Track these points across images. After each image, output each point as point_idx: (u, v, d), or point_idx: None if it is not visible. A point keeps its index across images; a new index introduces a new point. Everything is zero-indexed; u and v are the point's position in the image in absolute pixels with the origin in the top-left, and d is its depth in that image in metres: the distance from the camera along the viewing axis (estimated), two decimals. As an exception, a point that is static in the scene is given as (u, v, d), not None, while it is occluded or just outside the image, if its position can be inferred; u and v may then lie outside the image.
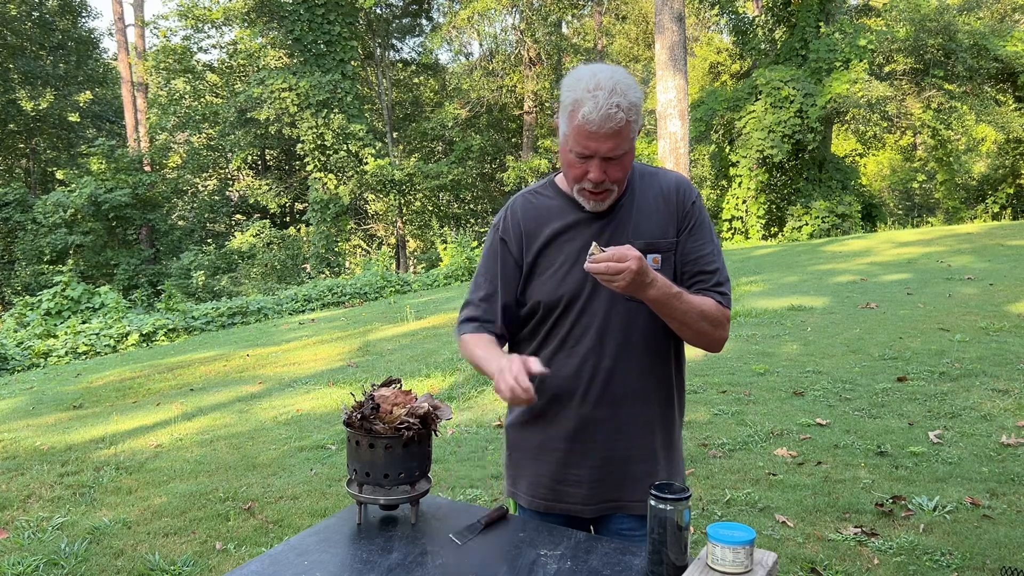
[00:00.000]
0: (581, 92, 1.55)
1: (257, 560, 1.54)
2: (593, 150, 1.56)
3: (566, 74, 1.63)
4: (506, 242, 1.76)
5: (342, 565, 1.50)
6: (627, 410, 1.72)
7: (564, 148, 1.62)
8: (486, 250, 1.82)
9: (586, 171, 1.60)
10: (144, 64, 25.90)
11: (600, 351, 1.69)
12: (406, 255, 26.46)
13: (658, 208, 1.73)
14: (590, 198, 1.65)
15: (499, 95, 25.36)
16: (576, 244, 1.70)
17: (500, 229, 1.79)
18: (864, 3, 24.63)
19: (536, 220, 1.74)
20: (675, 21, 16.42)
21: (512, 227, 1.76)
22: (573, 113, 1.56)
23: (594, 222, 1.70)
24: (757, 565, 1.37)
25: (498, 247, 1.78)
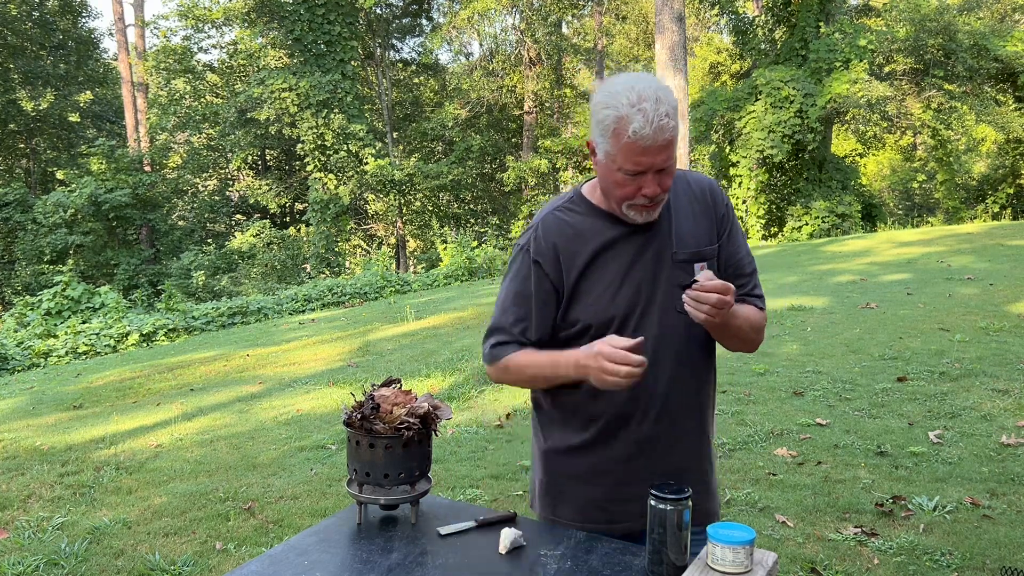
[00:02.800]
0: (625, 108, 1.47)
1: (257, 560, 1.54)
2: (647, 165, 1.49)
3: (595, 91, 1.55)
4: (540, 264, 1.65)
5: (342, 565, 1.50)
6: (681, 424, 1.68)
7: (609, 168, 1.53)
8: (514, 273, 1.70)
9: (638, 188, 1.53)
10: (144, 64, 25.90)
11: (656, 369, 1.63)
12: (406, 255, 26.47)
13: (695, 214, 1.68)
14: (642, 211, 1.58)
15: (499, 95, 25.36)
16: (622, 261, 1.63)
17: (532, 251, 1.66)
18: (864, 3, 24.63)
19: (573, 239, 1.65)
20: (675, 21, 16.43)
21: (546, 248, 1.65)
22: (619, 131, 1.48)
23: (636, 236, 1.64)
24: (757, 565, 1.37)
25: (531, 270, 1.66)
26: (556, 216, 1.68)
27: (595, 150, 1.57)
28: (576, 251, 1.64)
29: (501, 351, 1.69)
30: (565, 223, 1.67)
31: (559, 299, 1.66)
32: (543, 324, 1.67)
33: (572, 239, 1.65)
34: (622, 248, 1.63)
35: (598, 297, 1.63)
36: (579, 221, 1.66)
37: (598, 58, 28.96)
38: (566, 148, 22.81)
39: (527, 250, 1.68)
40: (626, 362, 1.44)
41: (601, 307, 1.63)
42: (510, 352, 1.67)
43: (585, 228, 1.65)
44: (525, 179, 24.06)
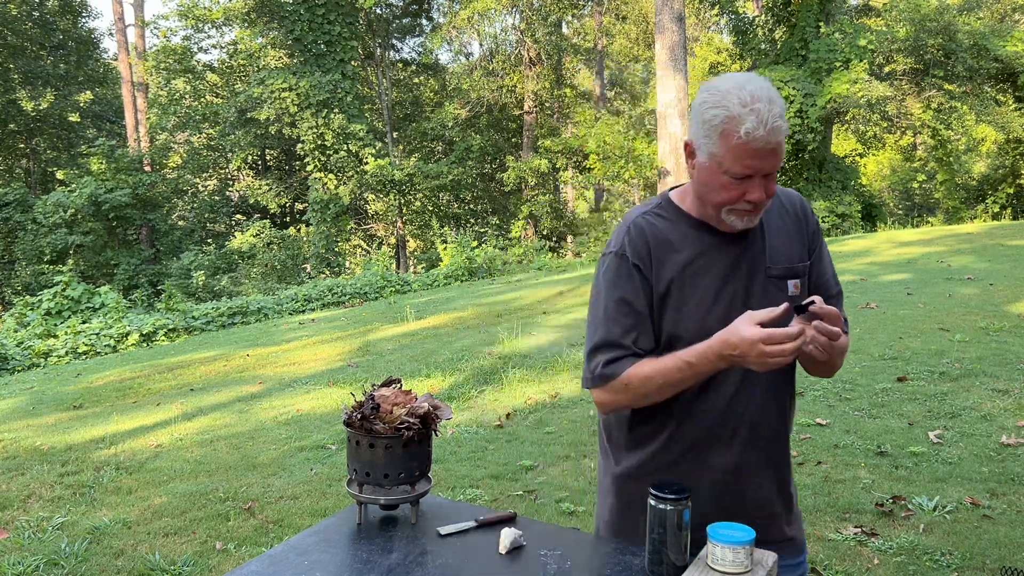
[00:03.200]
0: (736, 107, 1.40)
1: (257, 560, 1.54)
2: (756, 168, 1.42)
3: (700, 88, 1.49)
4: (639, 268, 1.54)
5: (342, 565, 1.50)
6: (768, 450, 1.59)
7: (712, 171, 1.45)
8: (611, 280, 1.57)
9: (742, 193, 1.45)
10: (144, 64, 25.91)
11: (748, 391, 1.54)
12: (406, 255, 26.47)
13: (787, 228, 1.61)
14: (743, 216, 1.49)
15: (499, 95, 25.36)
16: (714, 273, 1.54)
17: (630, 255, 1.56)
18: (864, 3, 24.63)
19: (663, 246, 1.55)
20: (675, 21, 16.43)
21: (641, 251, 1.55)
22: (729, 132, 1.41)
23: (729, 247, 1.55)
24: (757, 565, 1.37)
25: (633, 274, 1.54)
26: (647, 220, 1.59)
27: (694, 152, 1.49)
28: (666, 260, 1.55)
29: (617, 368, 1.53)
30: (656, 228, 1.57)
31: (652, 301, 1.56)
32: (652, 333, 1.56)
33: (661, 246, 1.56)
34: (714, 259, 1.55)
35: (691, 311, 1.53)
36: (669, 228, 1.57)
37: (598, 58, 28.97)
38: (566, 148, 22.81)
39: (623, 255, 1.56)
40: (787, 339, 1.34)
41: (695, 323, 1.53)
42: (627, 366, 1.52)
43: (675, 236, 1.56)
44: (525, 179, 24.05)
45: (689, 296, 1.54)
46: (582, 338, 7.30)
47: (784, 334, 1.34)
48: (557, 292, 10.74)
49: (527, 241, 22.03)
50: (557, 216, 25.34)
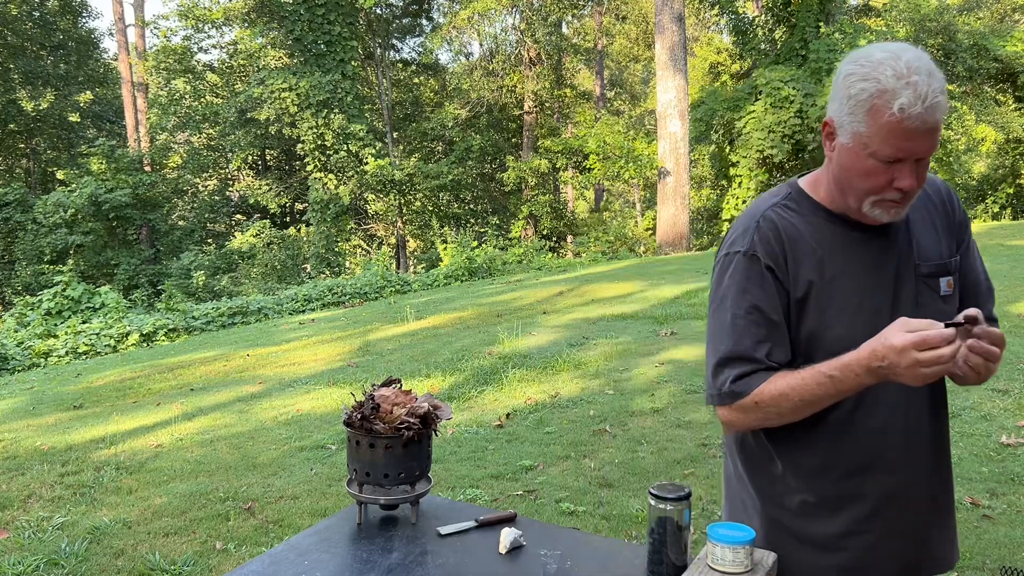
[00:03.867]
0: (889, 79, 1.22)
1: (257, 560, 1.54)
2: (909, 151, 1.24)
3: (845, 59, 1.30)
4: (773, 270, 1.36)
5: (342, 565, 1.50)
6: (931, 468, 1.43)
7: (856, 153, 1.28)
8: (739, 284, 1.38)
9: (890, 179, 1.27)
10: (144, 64, 25.91)
11: (907, 406, 1.36)
12: (406, 255, 26.47)
13: (933, 220, 1.43)
14: (890, 208, 1.31)
15: (499, 95, 25.36)
16: (856, 274, 1.35)
17: (761, 255, 1.37)
18: (864, 3, 24.63)
19: (797, 243, 1.37)
20: (675, 21, 16.43)
21: (777, 252, 1.36)
22: (878, 108, 1.23)
23: (871, 243, 1.37)
24: (757, 565, 1.37)
25: (766, 277, 1.36)
26: (777, 214, 1.40)
27: (835, 131, 1.31)
28: (801, 259, 1.36)
29: (748, 384, 1.35)
30: (788, 223, 1.38)
31: (789, 305, 1.37)
32: (787, 344, 1.37)
33: (795, 242, 1.37)
34: (856, 258, 1.36)
35: (833, 318, 1.35)
36: (802, 222, 1.38)
37: (598, 58, 28.97)
38: (566, 148, 22.81)
39: (753, 255, 1.37)
40: (943, 342, 1.16)
41: (842, 330, 1.34)
42: (758, 382, 1.34)
43: (809, 232, 1.38)
44: (525, 179, 24.05)
45: (830, 301, 1.35)
46: (582, 338, 7.30)
47: (940, 337, 1.16)
48: (557, 292, 10.74)
49: (527, 241, 22.03)
50: (557, 216, 25.34)
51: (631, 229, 21.50)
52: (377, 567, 1.49)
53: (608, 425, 4.79)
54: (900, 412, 1.36)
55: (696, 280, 10.63)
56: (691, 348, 6.55)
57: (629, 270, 12.88)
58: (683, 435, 4.52)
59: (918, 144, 1.24)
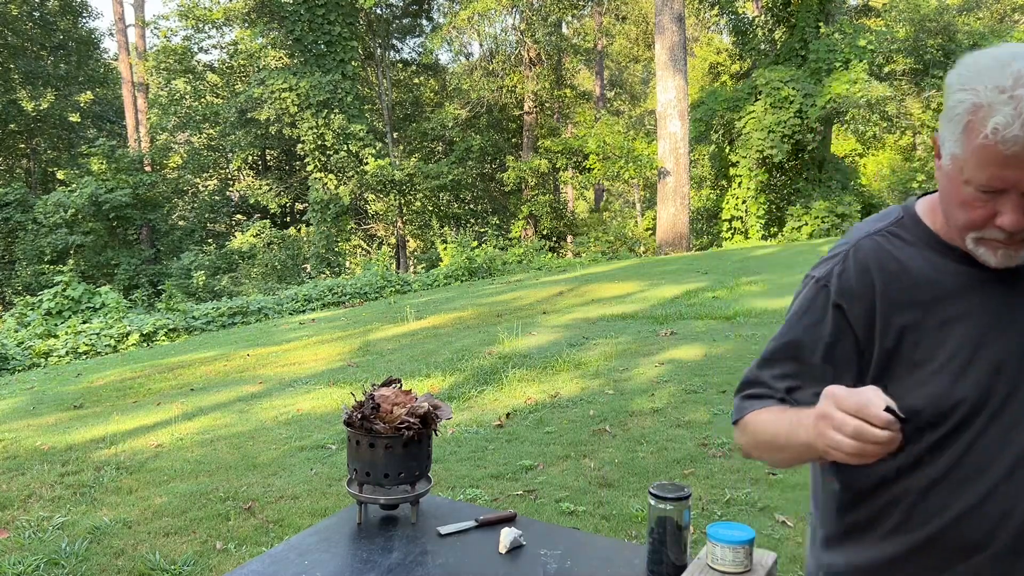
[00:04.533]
0: (988, 93, 1.00)
1: (257, 560, 1.54)
2: (1010, 182, 1.01)
3: (955, 64, 1.09)
4: (843, 310, 1.16)
5: (342, 565, 1.50)
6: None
7: (954, 179, 1.07)
8: (798, 312, 1.21)
9: (991, 214, 1.05)
10: (145, 64, 25.92)
11: (1016, 482, 1.11)
12: (406, 255, 26.48)
13: None
14: (995, 249, 1.08)
15: (499, 95, 25.37)
16: (974, 321, 1.11)
17: (834, 288, 1.17)
18: (864, 3, 24.63)
19: (900, 280, 1.15)
20: (675, 21, 16.43)
21: (859, 288, 1.15)
22: (973, 126, 1.02)
23: (994, 286, 1.13)
24: (757, 565, 1.38)
25: (826, 315, 1.17)
26: (877, 242, 1.18)
27: (940, 150, 1.10)
28: (902, 299, 1.14)
29: (748, 406, 1.23)
30: (889, 254, 1.17)
31: (861, 366, 1.16)
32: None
33: (898, 279, 1.15)
34: (978, 302, 1.12)
35: (936, 372, 1.11)
36: (910, 255, 1.16)
37: (598, 58, 28.97)
38: (566, 148, 22.83)
39: (825, 286, 1.18)
40: (860, 415, 0.97)
41: (940, 388, 1.11)
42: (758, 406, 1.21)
43: (919, 266, 1.15)
44: (525, 179, 24.06)
45: (932, 354, 1.11)
46: (582, 338, 7.30)
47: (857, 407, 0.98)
48: (557, 292, 10.74)
49: (527, 241, 22.04)
50: (557, 216, 25.35)
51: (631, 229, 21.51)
52: (377, 567, 1.49)
53: (608, 425, 4.79)
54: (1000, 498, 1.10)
55: (696, 280, 10.63)
56: (691, 348, 6.55)
57: (629, 270, 12.88)
58: (683, 435, 4.52)
59: (1022, 174, 1.00)
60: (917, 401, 1.11)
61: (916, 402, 1.11)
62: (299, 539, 1.63)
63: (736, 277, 10.50)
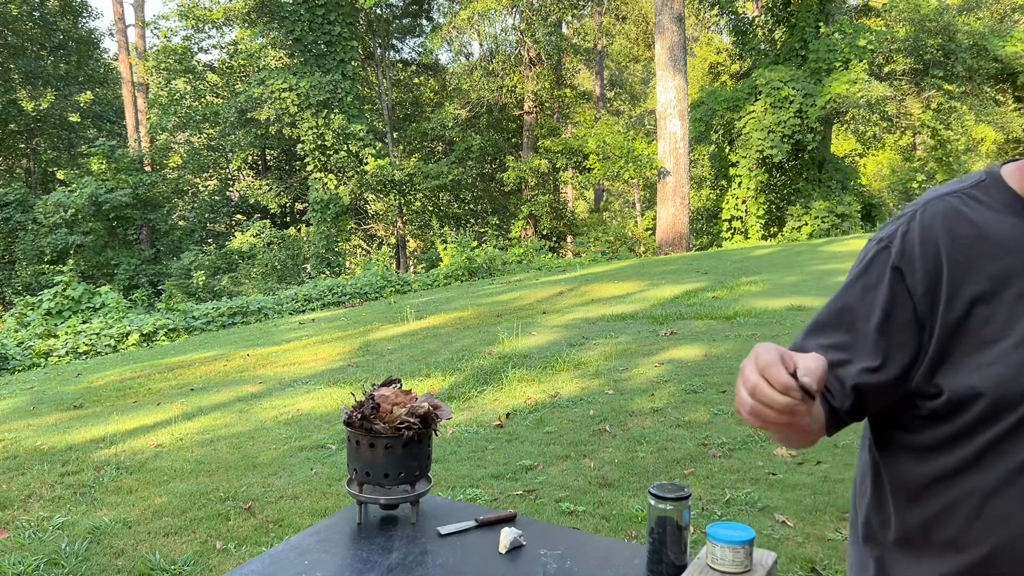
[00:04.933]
0: None
1: (257, 560, 1.54)
2: None
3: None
4: (903, 274, 1.02)
5: (342, 565, 1.51)
6: None
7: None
8: (854, 274, 1.09)
9: None
10: (145, 64, 25.93)
11: None
12: (406, 255, 26.48)
13: None
14: None
15: (499, 95, 25.38)
16: None
17: (896, 250, 1.04)
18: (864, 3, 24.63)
19: (973, 246, 1.00)
20: (675, 21, 16.43)
21: (923, 251, 1.02)
22: None
23: None
24: (757, 565, 1.38)
25: (883, 279, 1.04)
26: (950, 204, 1.05)
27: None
28: (975, 266, 1.00)
29: None
30: (964, 217, 1.03)
31: (921, 341, 1.02)
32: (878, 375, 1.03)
33: (971, 246, 1.01)
34: None
35: (1005, 353, 0.96)
36: (989, 219, 1.02)
37: (598, 58, 28.97)
38: (566, 148, 22.84)
39: (887, 247, 1.05)
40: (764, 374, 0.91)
41: (1008, 370, 0.96)
42: None
43: (998, 231, 1.01)
44: (525, 179, 24.06)
45: (1005, 330, 0.97)
46: (582, 338, 7.31)
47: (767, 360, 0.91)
48: (557, 292, 10.74)
49: (527, 241, 22.04)
50: (557, 216, 25.36)
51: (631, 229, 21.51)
52: (377, 567, 1.49)
53: (608, 425, 4.79)
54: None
55: (696, 280, 10.63)
56: (691, 348, 6.55)
57: (629, 270, 12.88)
58: (683, 435, 4.52)
59: None
60: (981, 383, 0.97)
61: (980, 384, 0.97)
62: (299, 539, 1.63)
63: (736, 277, 10.51)
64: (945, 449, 1.01)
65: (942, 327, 1.00)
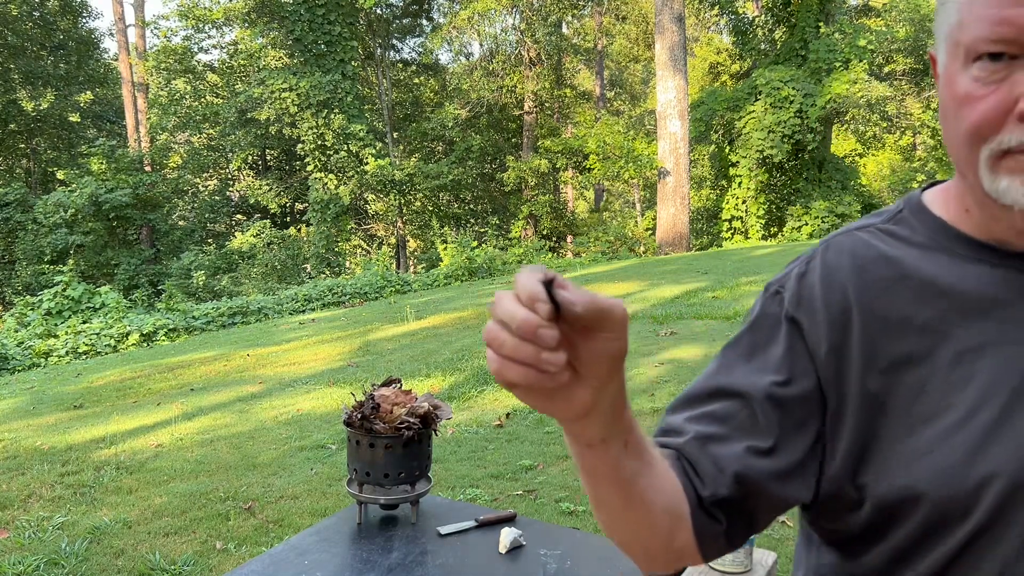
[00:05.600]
0: None
1: (257, 560, 1.54)
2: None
3: None
4: (799, 325, 0.77)
5: (342, 565, 1.51)
6: None
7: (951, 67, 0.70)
8: (741, 331, 0.82)
9: (1010, 101, 0.66)
10: (145, 64, 25.94)
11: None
12: (406, 255, 26.48)
13: None
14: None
15: (499, 95, 25.38)
16: (1010, 351, 0.71)
17: (789, 297, 0.78)
18: (864, 3, 24.64)
19: (894, 288, 0.75)
20: (675, 21, 16.43)
21: (825, 295, 0.76)
22: None
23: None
24: (757, 565, 1.38)
25: (779, 334, 0.78)
26: (860, 239, 0.80)
27: (935, 59, 0.76)
28: (897, 317, 0.74)
29: None
30: (879, 254, 0.78)
31: (825, 418, 0.75)
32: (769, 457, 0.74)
33: (891, 289, 0.75)
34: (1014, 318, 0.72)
35: (947, 433, 0.70)
36: (912, 256, 0.77)
37: (598, 58, 28.97)
38: (566, 148, 22.84)
39: (776, 293, 0.80)
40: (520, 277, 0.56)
41: (953, 458, 0.69)
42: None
43: (925, 269, 0.75)
44: (525, 179, 24.07)
45: (944, 402, 0.71)
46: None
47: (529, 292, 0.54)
48: (557, 292, 10.74)
49: (527, 241, 22.04)
50: (557, 216, 25.36)
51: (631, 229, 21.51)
52: (377, 567, 1.49)
53: (608, 425, 4.79)
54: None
55: (696, 280, 10.63)
56: (691, 348, 6.55)
57: (629, 270, 12.88)
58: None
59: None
60: (919, 479, 0.70)
61: (917, 481, 0.70)
62: (299, 539, 1.63)
63: (736, 277, 10.51)
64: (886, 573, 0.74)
65: (858, 401, 0.73)
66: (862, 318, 0.75)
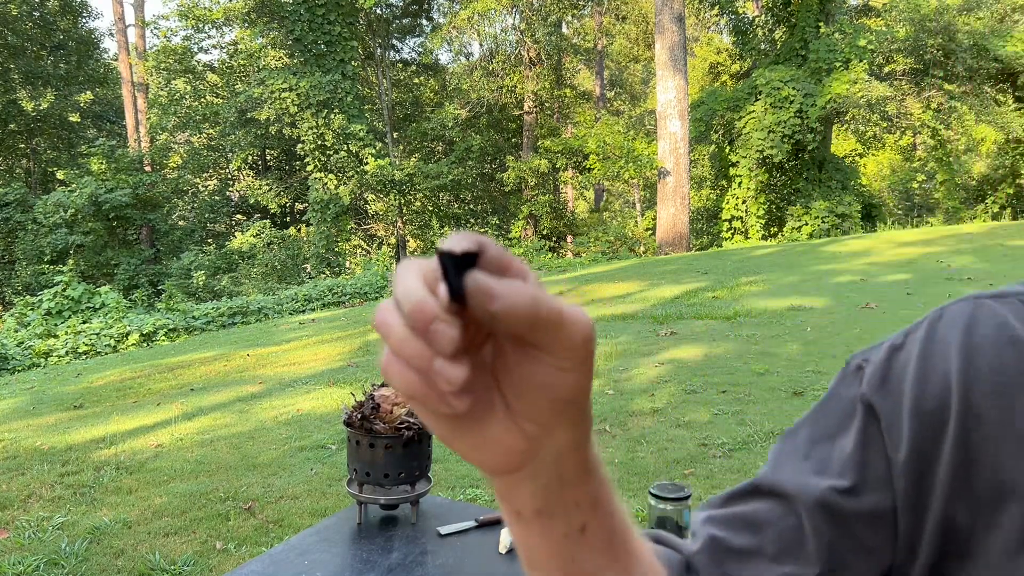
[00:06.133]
0: None
1: (257, 560, 1.54)
2: None
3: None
4: (876, 413, 0.56)
5: (342, 565, 1.51)
6: None
7: None
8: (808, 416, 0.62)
9: None
10: (144, 64, 25.93)
11: None
12: (406, 255, 26.47)
13: None
14: None
15: (499, 95, 25.38)
16: None
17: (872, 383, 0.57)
18: (864, 3, 24.63)
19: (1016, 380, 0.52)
20: (675, 21, 16.44)
21: (919, 378, 0.55)
22: None
23: None
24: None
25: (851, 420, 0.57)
26: (991, 311, 0.57)
27: None
28: (1011, 426, 0.52)
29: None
30: (1012, 336, 0.55)
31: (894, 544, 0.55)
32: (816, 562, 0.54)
33: (1016, 382, 0.53)
34: None
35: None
36: None
37: (598, 58, 28.97)
38: (566, 148, 22.84)
39: (860, 368, 0.61)
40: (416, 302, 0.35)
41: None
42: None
43: None
44: (525, 179, 24.06)
45: None
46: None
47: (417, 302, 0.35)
48: (557, 292, 10.74)
49: (527, 241, 22.04)
50: (557, 216, 25.36)
51: (631, 229, 21.51)
52: (377, 567, 1.49)
53: (608, 425, 4.79)
54: None
55: (696, 280, 10.63)
56: (691, 348, 6.55)
57: (629, 270, 12.88)
58: (683, 435, 4.52)
59: None
60: None
61: None
62: (299, 539, 1.63)
63: (736, 277, 10.50)
64: None
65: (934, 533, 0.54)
66: (961, 420, 0.53)
